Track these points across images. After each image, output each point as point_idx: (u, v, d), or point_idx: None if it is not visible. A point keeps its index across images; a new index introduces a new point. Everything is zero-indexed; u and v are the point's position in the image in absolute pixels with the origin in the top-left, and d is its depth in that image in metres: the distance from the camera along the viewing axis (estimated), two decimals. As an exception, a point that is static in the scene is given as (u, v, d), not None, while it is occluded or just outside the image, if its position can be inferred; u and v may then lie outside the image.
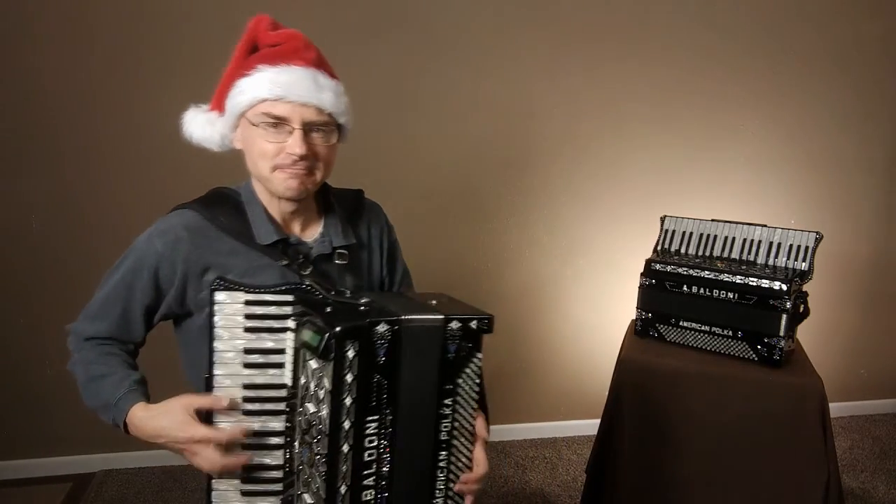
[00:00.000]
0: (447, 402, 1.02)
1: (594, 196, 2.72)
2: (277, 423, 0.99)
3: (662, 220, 2.07)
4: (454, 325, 1.01)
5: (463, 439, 1.07)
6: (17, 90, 2.26)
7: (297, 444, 0.97)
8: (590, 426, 2.79)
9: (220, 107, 1.09)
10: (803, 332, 1.87)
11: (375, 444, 0.94)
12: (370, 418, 0.93)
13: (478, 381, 1.05)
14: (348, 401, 0.90)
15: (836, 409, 2.63)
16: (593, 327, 2.81)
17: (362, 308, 0.97)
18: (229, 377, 0.97)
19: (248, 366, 0.98)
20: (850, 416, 3.14)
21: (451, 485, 1.05)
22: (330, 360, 0.88)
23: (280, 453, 0.99)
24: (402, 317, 0.95)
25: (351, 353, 0.89)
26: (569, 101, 2.62)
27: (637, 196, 2.73)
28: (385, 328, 0.93)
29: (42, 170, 2.33)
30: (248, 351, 0.98)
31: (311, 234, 1.15)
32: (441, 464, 1.03)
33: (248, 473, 0.99)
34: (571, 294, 2.80)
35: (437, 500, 1.04)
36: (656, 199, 2.70)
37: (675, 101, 2.68)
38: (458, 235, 2.66)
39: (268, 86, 1.00)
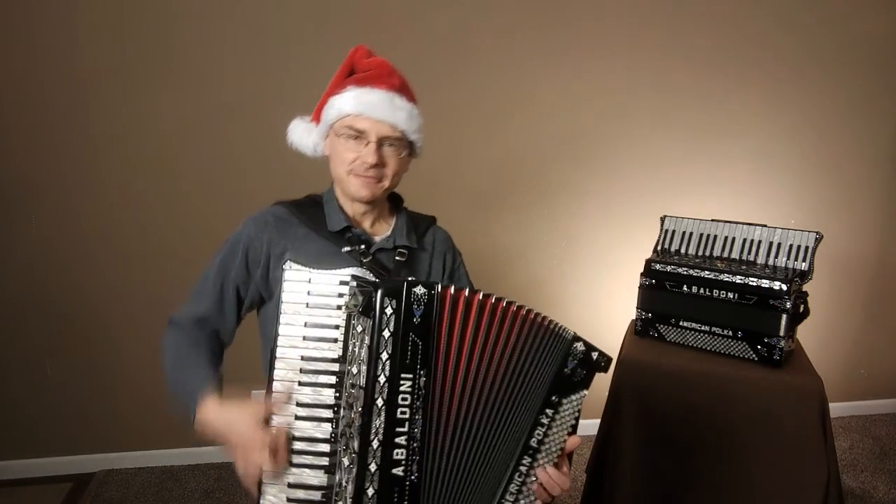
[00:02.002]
0: (548, 411, 1.08)
1: (594, 196, 2.72)
2: (328, 397, 1.07)
3: (662, 219, 2.07)
4: (580, 345, 1.11)
5: (546, 459, 1.10)
6: (17, 90, 2.26)
7: (342, 411, 1.04)
8: (590, 426, 2.78)
9: (317, 119, 1.28)
10: (803, 332, 1.87)
11: (409, 402, 0.99)
12: (404, 375, 0.99)
13: (576, 415, 1.10)
14: (384, 355, 0.97)
15: (836, 409, 2.63)
16: (593, 327, 2.80)
17: (403, 279, 1.04)
18: (291, 349, 1.08)
19: (306, 339, 1.08)
20: (850, 416, 3.14)
21: (521, 495, 1.09)
22: (370, 316, 0.97)
23: (328, 427, 1.06)
24: (440, 286, 1.01)
25: (389, 310, 0.97)
26: (569, 100, 2.62)
27: (637, 196, 2.73)
28: (422, 290, 0.99)
29: (41, 169, 2.33)
30: (308, 325, 1.08)
31: (379, 233, 1.32)
32: (522, 467, 1.08)
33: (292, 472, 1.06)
34: (571, 294, 2.80)
35: (510, 495, 1.08)
36: (656, 198, 2.69)
37: (675, 101, 2.68)
38: (456, 236, 2.66)
39: (353, 103, 1.19)
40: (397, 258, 1.28)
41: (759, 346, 1.76)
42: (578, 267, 2.78)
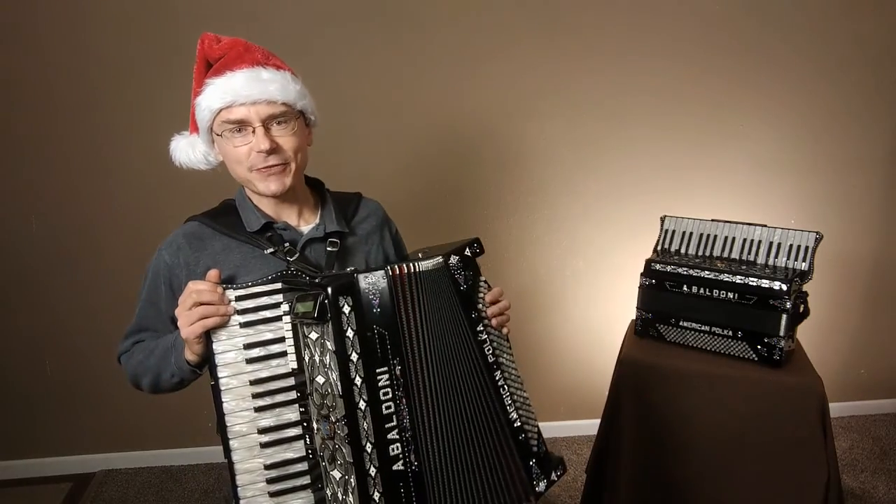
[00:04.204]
0: (479, 328, 1.09)
1: (594, 196, 2.72)
2: (292, 414, 0.98)
3: (662, 220, 2.07)
4: (453, 259, 1.09)
5: (505, 355, 1.14)
6: (17, 90, 2.26)
7: (315, 424, 0.97)
8: (590, 426, 2.79)
9: (195, 128, 1.16)
10: (803, 332, 1.87)
11: (390, 396, 0.96)
12: (380, 370, 0.95)
13: (486, 289, 1.16)
14: (354, 356, 0.92)
15: (836, 409, 2.63)
16: (593, 327, 2.81)
17: (348, 272, 1.01)
18: (235, 377, 0.97)
19: (250, 361, 0.98)
20: (850, 416, 3.14)
21: (515, 397, 1.12)
22: (328, 320, 0.91)
23: (301, 444, 0.98)
24: (390, 267, 1.00)
25: (347, 309, 0.92)
26: (569, 101, 2.62)
27: (637, 196, 2.73)
28: (372, 279, 0.96)
29: (42, 170, 2.33)
30: (248, 346, 0.98)
31: (307, 223, 1.22)
32: (500, 382, 1.09)
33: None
34: (571, 294, 2.80)
35: (511, 412, 1.10)
36: (656, 199, 2.69)
37: (674, 101, 2.68)
38: (457, 236, 2.66)
39: (218, 95, 1.07)
40: (329, 248, 1.17)
41: (759, 346, 1.76)
42: (579, 267, 2.78)
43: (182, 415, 2.60)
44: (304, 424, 0.98)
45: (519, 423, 1.10)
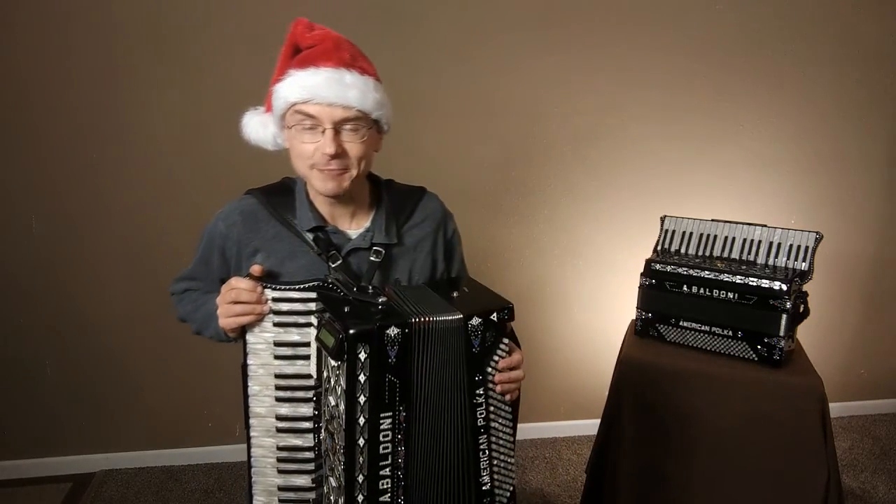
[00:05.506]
0: (479, 391, 1.08)
1: (594, 196, 2.72)
2: (307, 410, 1.07)
3: (662, 220, 2.07)
4: (475, 321, 1.05)
5: (501, 420, 1.12)
6: (18, 90, 2.26)
7: (323, 430, 1.05)
8: (590, 426, 2.79)
9: (270, 108, 1.16)
10: (803, 332, 1.87)
11: (390, 437, 1.00)
12: (384, 415, 0.98)
13: (505, 354, 1.11)
14: (362, 399, 0.96)
15: (836, 409, 2.63)
16: (593, 327, 2.81)
17: (379, 307, 1.00)
18: (262, 366, 1.06)
19: (277, 357, 1.06)
20: (850, 416, 3.14)
21: (494, 462, 1.11)
22: (343, 360, 0.94)
23: (311, 436, 1.07)
24: (415, 319, 1.00)
25: (363, 355, 0.95)
26: (569, 102, 2.62)
27: (637, 196, 2.73)
28: (395, 331, 0.97)
29: (42, 170, 2.33)
30: (277, 343, 1.06)
31: (358, 226, 1.21)
32: (482, 446, 1.09)
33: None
34: (571, 294, 2.80)
35: (484, 476, 1.10)
36: (656, 199, 2.69)
37: (675, 102, 2.68)
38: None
39: (296, 90, 1.06)
40: (372, 258, 1.16)
41: (759, 346, 1.76)
42: (579, 267, 2.78)
43: (182, 415, 2.60)
44: (317, 424, 1.07)
45: (488, 487, 1.10)
